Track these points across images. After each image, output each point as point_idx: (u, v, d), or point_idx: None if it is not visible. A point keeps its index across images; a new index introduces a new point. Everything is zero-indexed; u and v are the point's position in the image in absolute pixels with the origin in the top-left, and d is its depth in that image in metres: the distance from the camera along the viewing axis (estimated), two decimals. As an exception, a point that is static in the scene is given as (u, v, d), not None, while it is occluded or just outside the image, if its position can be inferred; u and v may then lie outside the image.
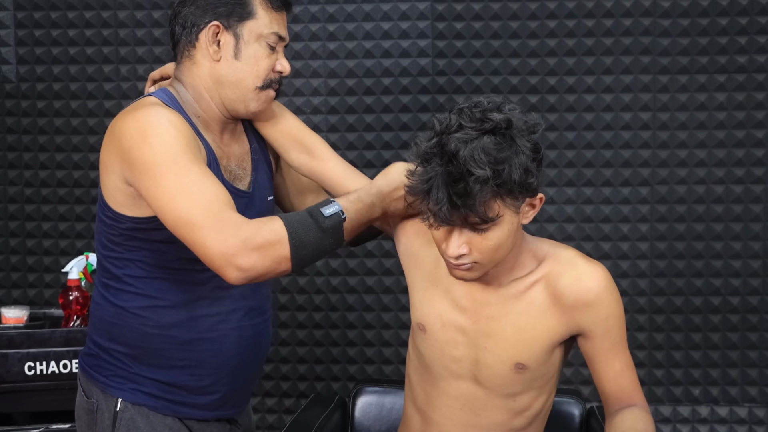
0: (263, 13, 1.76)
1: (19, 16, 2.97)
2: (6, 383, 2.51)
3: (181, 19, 1.78)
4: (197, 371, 1.79)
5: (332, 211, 1.66)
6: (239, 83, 1.78)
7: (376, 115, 2.93)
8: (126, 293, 1.76)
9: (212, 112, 1.81)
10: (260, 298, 1.88)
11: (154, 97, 1.77)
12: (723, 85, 2.85)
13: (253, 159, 1.89)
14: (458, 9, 2.88)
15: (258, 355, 1.88)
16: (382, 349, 3.00)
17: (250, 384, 1.91)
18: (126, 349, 1.78)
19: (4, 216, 3.03)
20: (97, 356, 1.81)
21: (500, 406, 1.68)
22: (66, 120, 3.00)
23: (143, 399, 1.78)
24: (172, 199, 1.62)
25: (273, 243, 1.60)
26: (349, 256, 2.98)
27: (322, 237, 1.64)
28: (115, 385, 1.78)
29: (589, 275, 1.62)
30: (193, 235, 1.60)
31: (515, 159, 1.48)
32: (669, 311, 2.91)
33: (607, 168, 2.90)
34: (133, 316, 1.77)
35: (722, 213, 2.88)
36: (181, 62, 1.81)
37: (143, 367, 1.78)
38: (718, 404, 2.92)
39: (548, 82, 2.89)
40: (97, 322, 1.82)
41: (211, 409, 1.83)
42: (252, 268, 1.59)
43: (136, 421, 1.77)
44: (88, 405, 1.81)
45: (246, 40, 1.76)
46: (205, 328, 1.79)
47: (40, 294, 3.04)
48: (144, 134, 1.65)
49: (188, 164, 1.63)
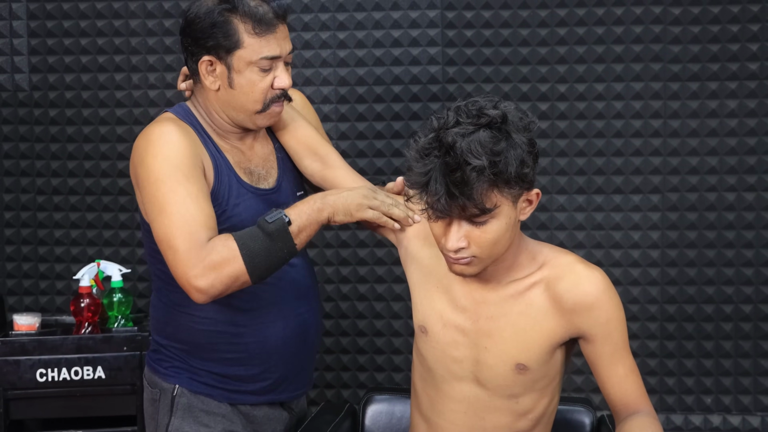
0: (250, 40, 1.80)
1: (33, 26, 2.99)
2: (18, 390, 2.53)
3: (183, 47, 1.87)
4: (246, 362, 1.91)
5: (275, 217, 1.75)
6: (241, 108, 1.85)
7: (387, 122, 2.94)
8: (174, 294, 1.87)
9: (226, 127, 1.91)
10: (303, 286, 1.96)
11: (170, 113, 1.88)
12: (734, 92, 2.84)
13: (278, 157, 1.97)
14: (468, 17, 2.89)
15: (307, 341, 1.98)
16: (392, 356, 2.99)
17: (304, 370, 2.01)
18: (180, 345, 1.92)
19: (16, 223, 3.05)
20: (158, 351, 1.96)
21: (503, 408, 1.69)
22: (78, 128, 3.01)
23: (199, 387, 1.91)
24: (156, 216, 1.75)
25: (228, 258, 1.71)
26: (359, 263, 2.98)
27: (270, 243, 1.73)
28: (174, 375, 1.92)
29: (587, 280, 1.64)
30: (166, 253, 1.75)
31: (511, 151, 1.51)
32: (680, 319, 2.90)
33: (617, 175, 2.89)
34: (182, 315, 1.90)
35: (734, 220, 2.87)
36: (195, 82, 1.90)
37: (197, 360, 1.91)
38: (730, 413, 2.90)
39: (558, 90, 2.89)
40: (155, 323, 1.98)
41: (261, 394, 1.95)
42: (211, 287, 1.72)
43: (191, 406, 1.91)
44: (152, 395, 1.96)
45: (237, 69, 1.81)
46: (250, 321, 1.90)
47: (51, 301, 3.06)
48: (145, 151, 1.78)
49: (174, 184, 1.73)
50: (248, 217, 1.84)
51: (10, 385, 2.52)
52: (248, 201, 1.87)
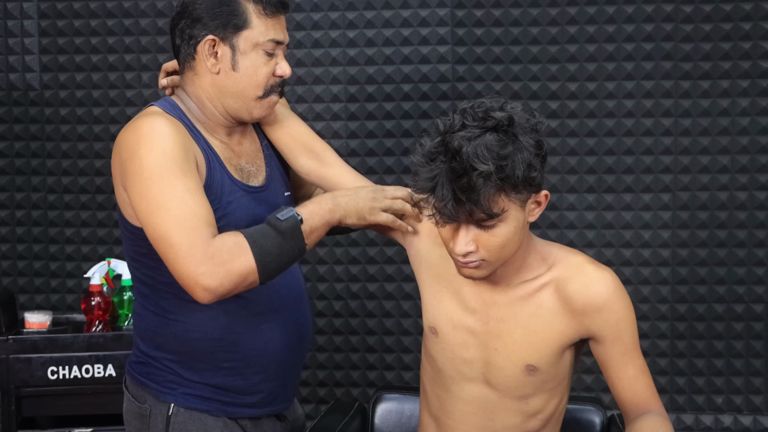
0: (258, 21, 1.75)
1: (43, 25, 3.00)
2: (29, 387, 2.54)
3: (179, 32, 1.78)
4: (244, 371, 1.81)
5: (287, 215, 1.68)
6: (240, 93, 1.78)
7: (396, 121, 2.94)
8: (164, 301, 1.78)
9: (217, 119, 1.83)
10: (299, 292, 1.90)
11: (156, 107, 1.79)
12: (746, 90, 2.82)
13: (266, 155, 1.91)
14: (478, 15, 2.88)
15: (302, 346, 1.91)
16: (402, 355, 2.99)
17: (296, 376, 1.94)
18: (172, 355, 1.80)
19: (27, 222, 3.06)
20: (146, 364, 1.83)
21: (513, 409, 1.69)
22: (88, 127, 3.02)
23: (195, 403, 1.80)
24: (151, 213, 1.64)
25: (238, 255, 1.62)
26: (369, 262, 2.98)
27: (282, 241, 1.66)
28: (167, 391, 1.80)
29: (598, 281, 1.63)
30: (165, 252, 1.64)
31: (518, 155, 1.50)
32: (691, 318, 2.89)
33: (628, 174, 2.88)
34: (173, 323, 1.79)
35: (745, 219, 2.85)
36: (184, 72, 1.82)
37: (191, 371, 1.79)
38: (741, 413, 2.89)
39: (569, 88, 2.88)
40: (141, 332, 1.84)
41: (261, 407, 1.85)
42: (220, 285, 1.62)
43: (188, 425, 1.79)
44: (140, 410, 1.83)
45: (242, 50, 1.76)
46: (248, 328, 1.80)
47: (62, 299, 3.07)
48: (136, 146, 1.68)
49: (172, 179, 1.64)
50: (242, 216, 1.77)
51: (22, 382, 2.53)
52: (240, 199, 1.79)
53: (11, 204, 3.06)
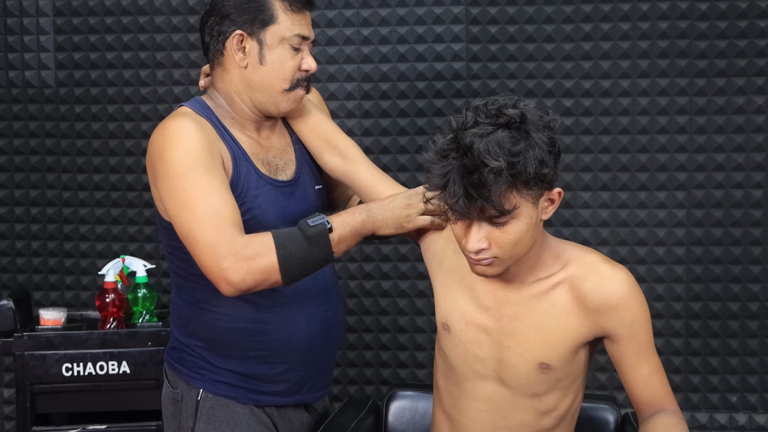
0: (284, 16, 1.82)
1: (59, 22, 3.01)
2: (44, 384, 2.55)
3: (208, 29, 1.86)
4: (270, 360, 1.89)
5: (317, 222, 1.74)
6: (267, 87, 1.85)
7: (411, 119, 2.93)
8: (196, 291, 1.87)
9: (246, 114, 1.90)
10: (327, 285, 1.95)
11: (186, 107, 1.87)
12: (762, 88, 2.81)
13: (296, 149, 1.97)
14: (492, 13, 2.87)
15: (330, 341, 1.97)
16: (415, 353, 2.99)
17: (326, 369, 2.00)
18: (203, 343, 1.90)
19: (42, 219, 3.08)
20: (180, 350, 1.93)
21: (526, 407, 1.68)
22: (103, 124, 3.03)
23: (223, 389, 1.89)
24: (179, 212, 1.73)
25: (261, 254, 1.69)
26: (382, 260, 2.98)
27: (308, 247, 1.72)
28: (197, 377, 1.90)
29: (612, 279, 1.63)
30: (192, 248, 1.73)
31: (530, 152, 1.50)
32: (706, 317, 2.88)
33: (642, 172, 2.87)
34: (205, 312, 1.89)
35: (760, 217, 2.84)
36: (214, 69, 1.90)
37: (220, 359, 1.89)
38: (756, 412, 2.88)
39: (583, 86, 2.87)
40: (176, 320, 1.95)
41: (287, 395, 1.93)
42: (242, 281, 1.70)
43: (216, 411, 1.88)
44: (173, 395, 1.93)
45: (269, 45, 1.83)
46: (273, 319, 1.88)
47: (77, 296, 3.08)
48: (162, 147, 1.77)
49: (197, 178, 1.72)
50: (269, 209, 1.84)
51: (37, 379, 2.54)
52: (268, 193, 1.86)
53: (26, 201, 3.07)
